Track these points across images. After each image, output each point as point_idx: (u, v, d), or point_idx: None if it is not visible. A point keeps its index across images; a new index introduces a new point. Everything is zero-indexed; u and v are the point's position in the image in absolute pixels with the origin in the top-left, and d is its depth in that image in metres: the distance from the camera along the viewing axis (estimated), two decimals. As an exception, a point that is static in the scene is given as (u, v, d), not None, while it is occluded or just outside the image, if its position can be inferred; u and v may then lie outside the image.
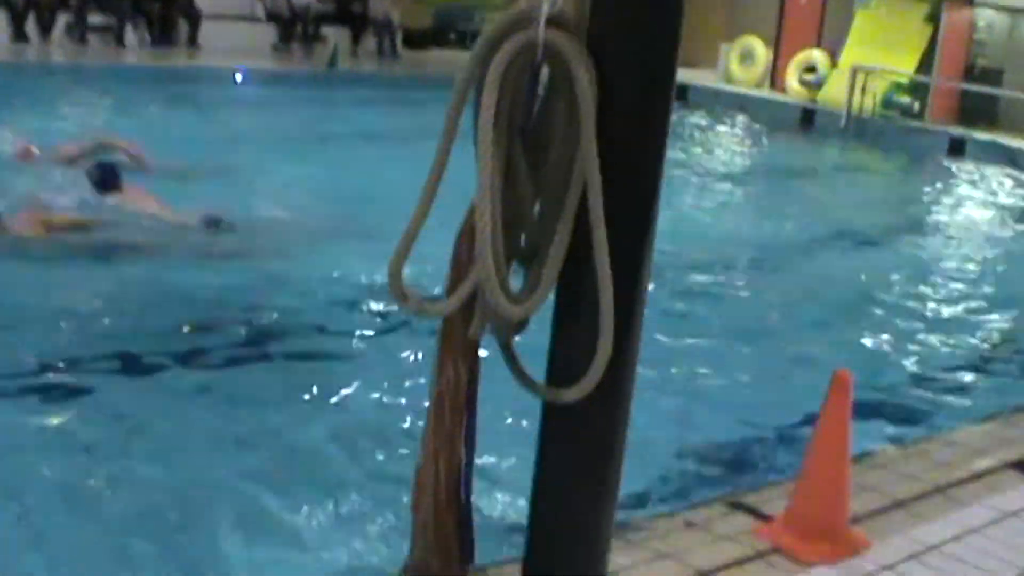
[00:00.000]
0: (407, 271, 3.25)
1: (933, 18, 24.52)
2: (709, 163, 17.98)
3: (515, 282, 3.38)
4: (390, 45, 26.57)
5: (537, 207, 3.42)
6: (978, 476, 5.40)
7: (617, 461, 3.57)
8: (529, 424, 3.63)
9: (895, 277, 11.04)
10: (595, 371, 3.29)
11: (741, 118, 23.46)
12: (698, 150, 19.14)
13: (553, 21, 3.23)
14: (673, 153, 17.77)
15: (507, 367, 3.50)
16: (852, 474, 4.50)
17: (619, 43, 3.31)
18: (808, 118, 23.90)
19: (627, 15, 3.32)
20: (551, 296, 3.38)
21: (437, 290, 3.45)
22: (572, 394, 3.33)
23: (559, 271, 3.31)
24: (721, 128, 22.28)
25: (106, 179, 9.78)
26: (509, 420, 4.77)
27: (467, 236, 3.39)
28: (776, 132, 22.32)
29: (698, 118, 22.74)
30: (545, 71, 3.35)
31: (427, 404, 3.60)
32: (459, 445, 3.60)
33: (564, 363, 3.42)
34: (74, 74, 19.69)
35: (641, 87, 3.34)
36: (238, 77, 21.17)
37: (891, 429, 6.78)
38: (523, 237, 3.43)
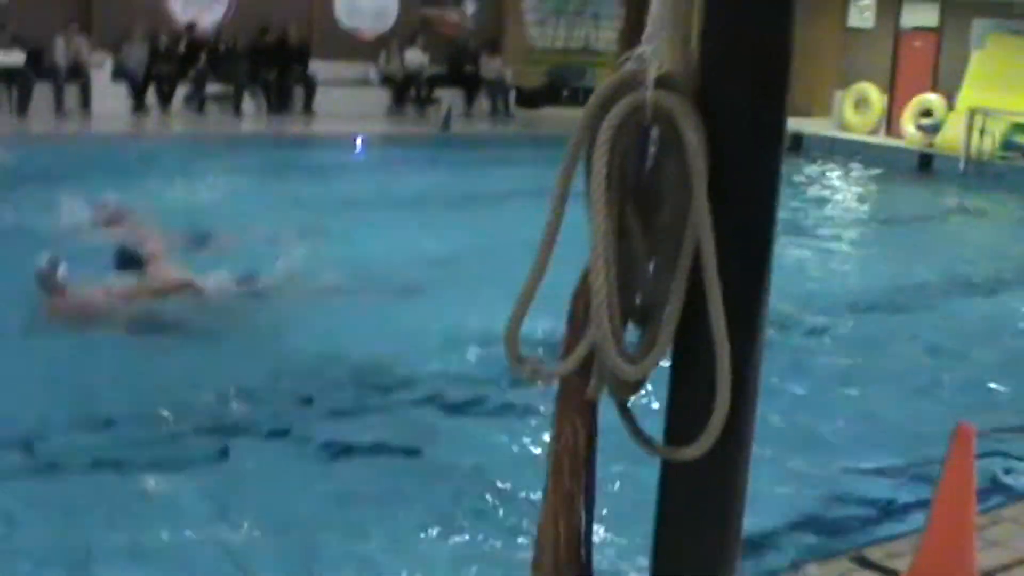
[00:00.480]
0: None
1: (1051, 53, 24.17)
2: (827, 212, 17.87)
3: (631, 339, 3.38)
4: (503, 104, 26.78)
5: (651, 266, 3.43)
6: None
7: (738, 518, 3.54)
8: (650, 481, 3.62)
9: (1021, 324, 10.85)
10: (713, 429, 3.28)
11: (857, 165, 23.20)
12: (816, 199, 19.02)
13: (661, 82, 3.25)
14: (791, 203, 17.86)
15: (624, 426, 3.50)
16: (978, 528, 4.42)
17: (728, 102, 3.31)
18: (926, 163, 23.60)
19: (735, 75, 3.33)
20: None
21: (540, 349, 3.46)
22: (690, 453, 3.32)
23: (674, 330, 3.32)
24: (838, 176, 22.08)
25: (125, 262, 10.01)
26: (628, 477, 4.76)
27: (582, 297, 3.41)
28: (893, 178, 22.09)
29: (814, 167, 22.58)
30: (655, 129, 3.38)
31: (546, 465, 3.61)
32: (579, 505, 3.60)
33: (681, 421, 3.42)
34: (193, 143, 20.08)
35: (751, 146, 3.34)
36: (358, 142, 21.47)
37: (1018, 482, 6.63)
38: (637, 296, 3.44)
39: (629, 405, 3.52)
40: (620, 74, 3.31)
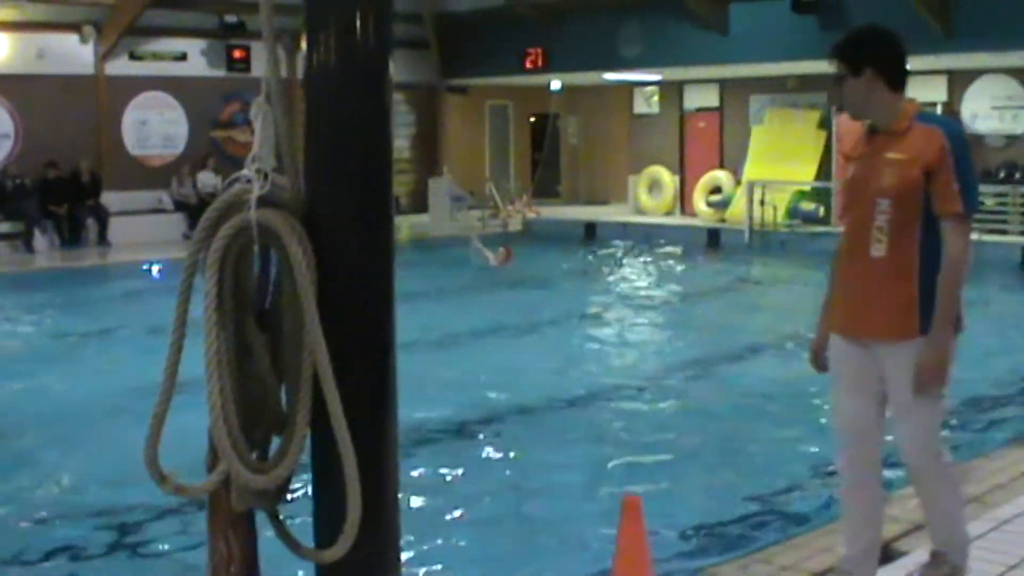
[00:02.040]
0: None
1: (825, 123, 25.06)
2: (614, 296, 18.24)
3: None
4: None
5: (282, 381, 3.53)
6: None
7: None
8: None
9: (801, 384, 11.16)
10: (348, 533, 3.37)
11: (649, 247, 23.65)
12: (605, 285, 19.46)
13: (266, 201, 3.38)
14: (583, 291, 18.17)
15: (274, 532, 3.58)
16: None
17: (334, 218, 3.45)
18: (714, 239, 24.21)
19: (339, 191, 3.47)
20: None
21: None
22: (328, 556, 3.41)
23: (305, 438, 3.42)
24: (628, 260, 22.51)
25: None
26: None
27: (219, 415, 3.49)
28: (682, 256, 22.59)
29: (607, 253, 23.06)
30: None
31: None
32: (238, 620, 3.65)
33: (324, 526, 3.50)
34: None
35: (362, 258, 3.47)
36: (155, 270, 21.22)
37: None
38: (275, 409, 3.54)
39: (279, 512, 3.60)
40: (226, 195, 3.43)
